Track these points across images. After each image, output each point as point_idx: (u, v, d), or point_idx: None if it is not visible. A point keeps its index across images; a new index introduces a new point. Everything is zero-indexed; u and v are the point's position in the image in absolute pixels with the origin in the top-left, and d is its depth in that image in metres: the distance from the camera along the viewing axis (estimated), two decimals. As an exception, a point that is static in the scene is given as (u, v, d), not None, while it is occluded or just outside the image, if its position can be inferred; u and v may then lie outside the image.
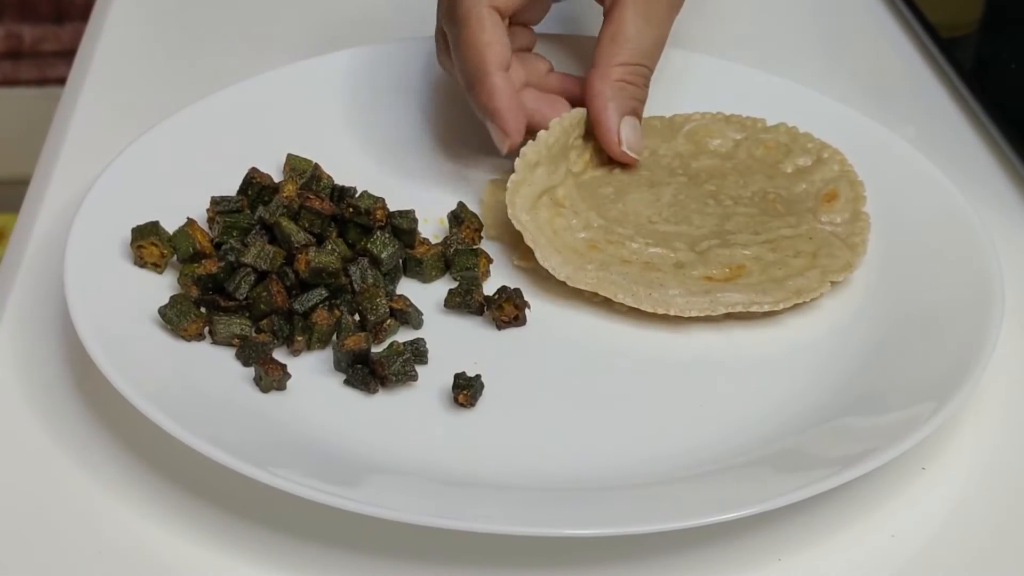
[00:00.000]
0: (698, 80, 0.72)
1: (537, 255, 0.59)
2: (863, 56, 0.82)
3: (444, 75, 0.71)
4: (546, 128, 0.62)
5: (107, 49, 0.78)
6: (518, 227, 0.60)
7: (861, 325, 0.59)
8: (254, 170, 0.62)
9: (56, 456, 0.52)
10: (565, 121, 0.63)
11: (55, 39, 1.75)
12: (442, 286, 0.60)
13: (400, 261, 0.60)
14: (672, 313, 0.58)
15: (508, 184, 0.61)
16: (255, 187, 0.61)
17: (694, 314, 0.58)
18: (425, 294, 0.60)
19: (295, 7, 0.83)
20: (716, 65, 0.73)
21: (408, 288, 0.61)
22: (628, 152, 0.64)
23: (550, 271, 0.59)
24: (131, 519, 0.50)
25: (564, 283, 0.60)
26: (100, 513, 0.50)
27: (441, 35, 0.65)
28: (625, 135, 0.64)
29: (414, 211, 0.62)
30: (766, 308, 0.58)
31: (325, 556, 0.49)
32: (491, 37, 0.61)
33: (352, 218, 0.60)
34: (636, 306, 0.58)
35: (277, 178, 0.64)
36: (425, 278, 0.61)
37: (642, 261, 0.60)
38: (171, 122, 0.65)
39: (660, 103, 0.70)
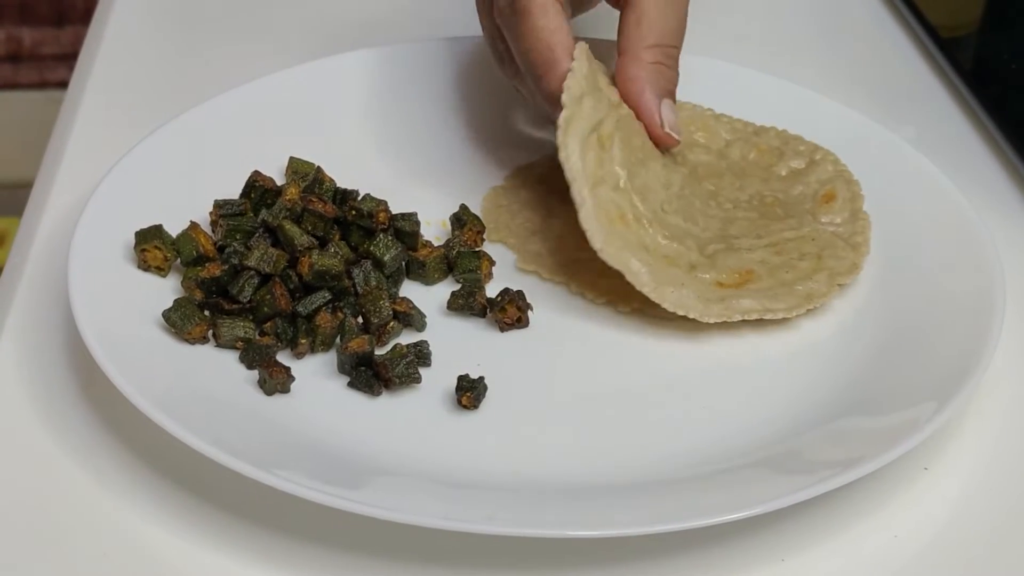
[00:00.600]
0: (698, 81, 0.72)
1: (581, 214, 0.57)
2: (863, 56, 0.82)
3: (446, 78, 0.71)
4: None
5: (109, 52, 0.78)
6: (569, 176, 0.57)
7: (863, 326, 0.59)
8: (257, 173, 0.62)
9: (61, 459, 0.52)
10: (584, 48, 0.61)
11: (55, 42, 1.75)
12: (445, 288, 0.60)
13: (403, 264, 0.61)
14: (691, 316, 0.57)
15: (559, 122, 0.58)
16: (258, 190, 0.62)
17: (712, 321, 0.58)
18: (428, 296, 0.60)
19: (298, 10, 0.83)
20: (715, 67, 0.73)
21: (411, 290, 0.61)
22: (671, 133, 0.62)
23: (587, 233, 0.57)
24: (136, 521, 0.50)
25: (567, 286, 0.60)
26: (105, 515, 0.50)
27: (494, 37, 0.64)
28: (666, 117, 0.62)
29: (416, 214, 0.62)
30: (780, 316, 0.58)
31: (329, 558, 0.49)
32: (556, 23, 0.59)
33: (355, 221, 0.60)
34: (658, 302, 0.57)
35: (280, 181, 0.64)
36: (428, 280, 0.61)
37: (662, 255, 0.59)
38: (173, 126, 0.65)
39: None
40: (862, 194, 0.64)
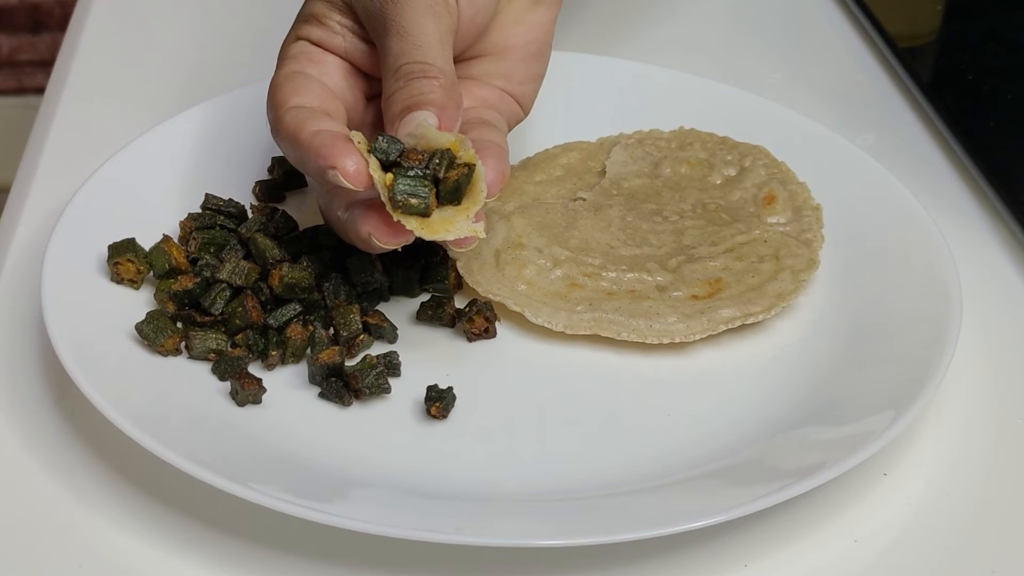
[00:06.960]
0: (658, 93, 0.72)
1: (528, 317, 0.59)
2: (821, 66, 0.82)
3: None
4: None
5: (85, 59, 0.78)
6: (496, 300, 0.59)
7: (821, 336, 0.60)
8: (209, 196, 0.63)
9: (35, 471, 0.53)
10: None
11: (32, 49, 1.75)
12: (413, 299, 0.61)
13: (384, 284, 0.60)
14: (677, 340, 0.58)
15: (459, 268, 0.61)
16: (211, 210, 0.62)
17: (697, 338, 0.58)
18: (397, 307, 0.61)
19: (277, 20, 0.82)
20: (674, 77, 0.73)
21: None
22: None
23: (546, 326, 0.59)
24: (110, 533, 0.51)
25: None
26: (79, 527, 0.51)
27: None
28: (403, 130, 0.55)
29: None
30: (760, 318, 0.59)
31: (301, 568, 0.50)
32: (314, 125, 0.55)
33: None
34: (640, 340, 0.58)
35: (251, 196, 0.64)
36: (414, 293, 0.61)
37: (626, 290, 0.60)
38: (147, 138, 0.65)
39: (622, 116, 0.71)
40: (801, 190, 0.65)
